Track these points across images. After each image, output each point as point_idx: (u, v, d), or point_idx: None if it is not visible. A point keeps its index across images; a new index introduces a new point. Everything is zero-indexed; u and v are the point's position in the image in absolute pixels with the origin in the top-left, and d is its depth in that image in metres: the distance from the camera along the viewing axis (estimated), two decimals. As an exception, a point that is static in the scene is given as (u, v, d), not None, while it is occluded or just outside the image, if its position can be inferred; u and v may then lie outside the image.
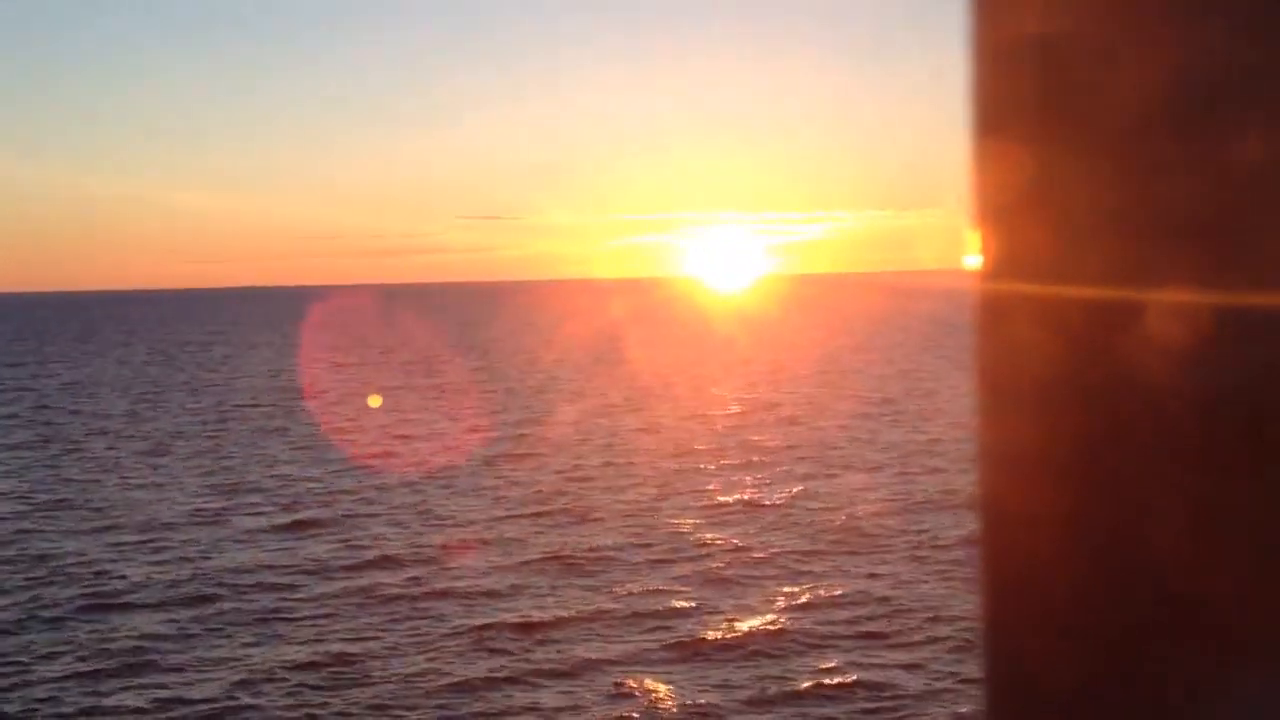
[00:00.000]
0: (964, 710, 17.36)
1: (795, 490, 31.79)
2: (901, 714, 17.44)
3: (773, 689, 18.38)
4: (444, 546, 26.60)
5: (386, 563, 25.42)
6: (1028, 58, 0.78)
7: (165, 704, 18.33)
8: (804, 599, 22.41)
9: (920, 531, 26.88)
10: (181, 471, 36.83)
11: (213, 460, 38.86)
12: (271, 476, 35.31)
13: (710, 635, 20.60)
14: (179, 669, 19.69)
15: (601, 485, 32.96)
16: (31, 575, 24.81)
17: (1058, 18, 0.77)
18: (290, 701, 18.37)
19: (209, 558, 26.07)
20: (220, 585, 23.95)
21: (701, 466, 35.73)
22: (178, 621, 21.81)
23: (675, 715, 17.63)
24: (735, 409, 49.35)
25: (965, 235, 0.84)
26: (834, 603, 22.16)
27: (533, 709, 17.89)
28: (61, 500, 32.32)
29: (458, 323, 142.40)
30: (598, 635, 20.77)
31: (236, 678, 19.23)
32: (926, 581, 23.19)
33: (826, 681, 18.52)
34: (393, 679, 19.04)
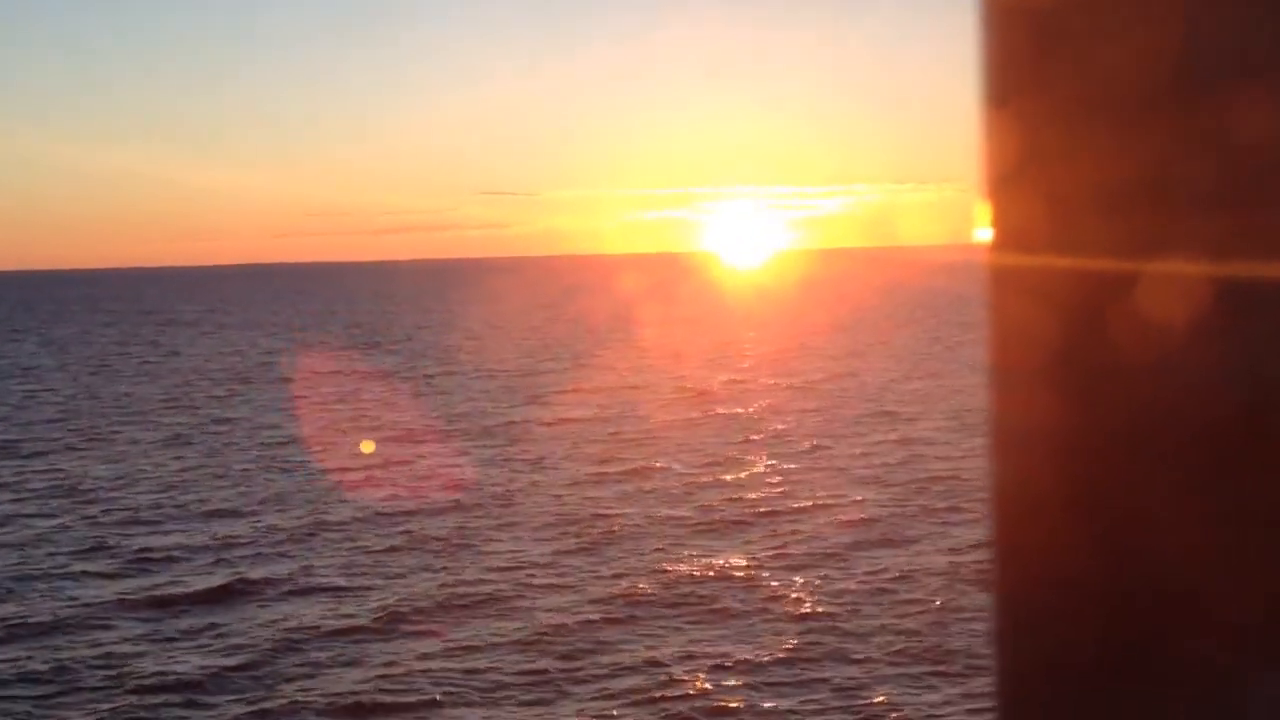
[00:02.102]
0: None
1: (751, 495, 26.74)
2: None
3: None
4: (273, 583, 21.66)
5: (187, 601, 20.53)
6: (1037, 28, 0.77)
7: None
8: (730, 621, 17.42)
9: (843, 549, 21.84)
10: (24, 473, 31.92)
11: (72, 459, 33.93)
12: (112, 486, 30.14)
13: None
14: None
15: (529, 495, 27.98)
16: None
17: None
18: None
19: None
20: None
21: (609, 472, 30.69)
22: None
23: None
24: (665, 399, 44.12)
25: (977, 208, 0.83)
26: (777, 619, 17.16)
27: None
28: None
29: (453, 301, 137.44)
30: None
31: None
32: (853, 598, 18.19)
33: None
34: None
